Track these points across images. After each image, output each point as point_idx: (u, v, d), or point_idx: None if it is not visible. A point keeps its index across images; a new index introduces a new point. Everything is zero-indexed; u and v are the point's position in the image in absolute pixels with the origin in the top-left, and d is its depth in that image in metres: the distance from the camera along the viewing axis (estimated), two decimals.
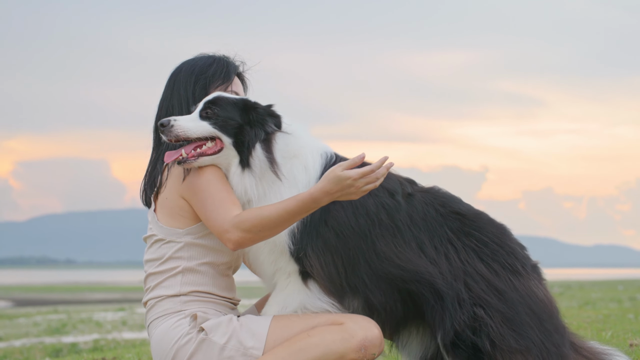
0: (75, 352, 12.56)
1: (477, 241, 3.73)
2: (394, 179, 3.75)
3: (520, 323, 3.60)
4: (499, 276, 3.67)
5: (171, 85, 3.87)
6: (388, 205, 3.66)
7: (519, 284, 3.68)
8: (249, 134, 3.61)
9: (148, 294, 3.79)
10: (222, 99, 3.67)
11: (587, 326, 7.69)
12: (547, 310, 3.71)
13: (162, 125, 3.58)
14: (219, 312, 3.74)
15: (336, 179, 3.39)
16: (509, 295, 3.64)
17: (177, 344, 3.63)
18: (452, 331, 3.60)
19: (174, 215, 3.73)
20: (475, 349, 3.59)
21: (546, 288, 3.80)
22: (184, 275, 3.71)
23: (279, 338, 3.60)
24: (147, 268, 3.80)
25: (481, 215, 3.82)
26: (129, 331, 18.85)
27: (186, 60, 3.93)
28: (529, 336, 3.60)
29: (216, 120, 3.61)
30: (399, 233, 3.65)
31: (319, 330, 3.59)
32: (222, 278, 3.79)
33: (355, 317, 3.64)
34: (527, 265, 3.77)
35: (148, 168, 3.89)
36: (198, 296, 3.72)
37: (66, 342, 16.05)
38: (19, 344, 16.02)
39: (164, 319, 3.71)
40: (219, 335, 3.61)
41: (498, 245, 3.74)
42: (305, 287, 3.68)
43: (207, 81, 3.83)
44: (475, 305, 3.62)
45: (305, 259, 3.63)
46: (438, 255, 3.66)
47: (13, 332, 19.62)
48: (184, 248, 3.72)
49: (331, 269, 3.63)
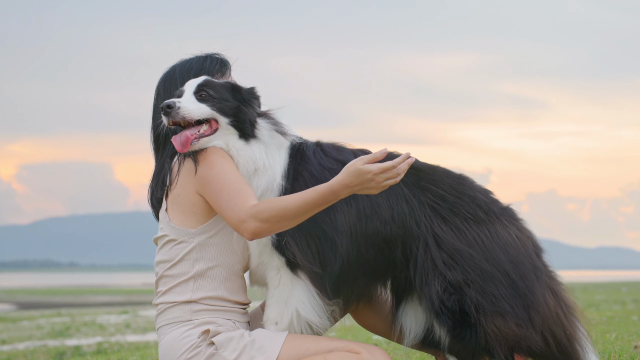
0: (79, 355, 12.57)
1: (433, 196, 3.72)
2: (347, 151, 3.81)
3: (492, 281, 3.60)
4: (460, 231, 3.67)
5: (167, 87, 3.90)
6: None
7: (483, 233, 3.68)
8: (248, 113, 3.69)
9: (159, 298, 3.77)
10: (213, 82, 3.73)
11: (591, 328, 7.64)
12: (517, 254, 3.68)
13: (169, 107, 3.58)
14: (229, 320, 3.72)
15: (357, 172, 3.39)
16: (476, 251, 3.64)
17: (184, 355, 3.62)
18: (433, 300, 3.63)
19: (186, 213, 3.71)
20: (461, 314, 3.61)
21: (518, 227, 3.78)
22: (196, 281, 3.69)
23: (291, 357, 3.58)
24: (159, 270, 3.79)
25: (437, 168, 3.82)
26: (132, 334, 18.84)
27: (174, 64, 3.98)
28: (502, 295, 3.59)
29: (213, 102, 3.66)
30: (354, 202, 3.68)
31: (335, 355, 3.57)
32: (234, 279, 3.77)
33: (372, 348, 3.63)
34: (491, 210, 3.75)
35: (155, 170, 3.89)
36: (209, 304, 3.69)
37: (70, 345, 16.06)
38: (22, 347, 16.03)
39: (174, 327, 3.69)
40: (229, 351, 3.59)
41: (456, 196, 3.74)
42: (297, 277, 3.68)
43: (208, 73, 3.88)
44: (445, 269, 3.62)
45: (287, 249, 3.65)
46: (393, 215, 3.68)
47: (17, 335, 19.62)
48: (196, 249, 3.70)
49: (307, 251, 3.65)
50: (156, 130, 3.89)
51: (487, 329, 3.59)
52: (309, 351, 3.59)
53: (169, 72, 3.95)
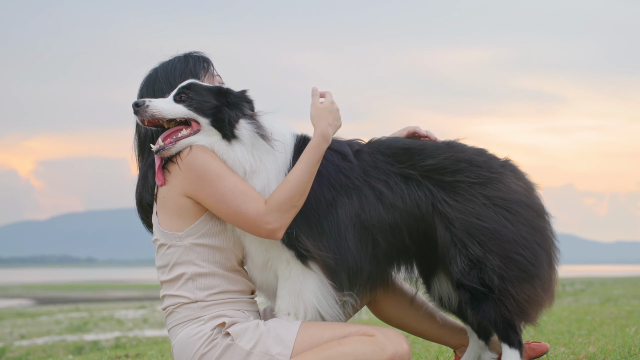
0: (97, 350, 12.61)
1: (429, 172, 3.70)
2: (342, 142, 3.80)
3: (512, 246, 3.59)
4: (467, 201, 3.65)
5: (150, 91, 3.84)
6: (344, 168, 3.69)
7: (492, 195, 3.66)
8: (228, 114, 3.62)
9: (165, 301, 3.76)
10: (196, 85, 3.68)
11: (610, 322, 7.64)
12: (528, 210, 3.67)
13: (137, 105, 3.57)
14: (237, 310, 3.71)
15: (325, 110, 3.67)
16: (488, 218, 3.62)
17: (200, 350, 3.61)
18: (455, 276, 3.64)
19: (172, 216, 3.68)
20: (483, 287, 3.60)
21: (524, 180, 3.77)
22: (195, 281, 3.67)
23: (307, 345, 3.57)
24: (159, 275, 3.78)
25: (425, 144, 3.80)
26: (150, 329, 18.90)
27: (156, 67, 3.91)
28: (525, 259, 3.60)
29: (190, 103, 3.61)
30: (355, 194, 3.67)
31: (350, 340, 3.56)
32: (232, 274, 3.74)
33: (387, 330, 3.63)
34: (492, 166, 3.73)
35: (140, 174, 3.84)
36: (214, 299, 3.68)
37: (88, 339, 16.12)
38: (41, 342, 16.10)
39: (184, 326, 3.68)
40: (245, 340, 3.58)
41: (453, 165, 3.71)
42: (308, 268, 3.66)
43: (192, 73, 3.84)
44: (461, 245, 3.61)
45: (298, 242, 3.62)
46: (394, 200, 3.67)
47: (35, 330, 19.71)
48: (186, 252, 3.67)
49: (319, 244, 3.63)
50: (139, 133, 3.85)
51: (517, 297, 3.59)
52: (324, 338, 3.59)
53: (151, 76, 3.88)
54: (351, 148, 3.77)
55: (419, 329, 4.14)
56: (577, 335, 6.20)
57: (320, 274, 3.66)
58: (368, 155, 3.74)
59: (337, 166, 3.69)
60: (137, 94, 3.89)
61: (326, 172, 3.67)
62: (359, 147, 3.79)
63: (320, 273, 3.66)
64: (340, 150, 3.75)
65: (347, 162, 3.71)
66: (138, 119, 3.63)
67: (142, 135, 3.83)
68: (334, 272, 3.68)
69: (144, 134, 3.81)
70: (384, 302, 4.08)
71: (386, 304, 4.09)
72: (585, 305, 13.81)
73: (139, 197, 3.84)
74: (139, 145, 3.87)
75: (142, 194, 3.81)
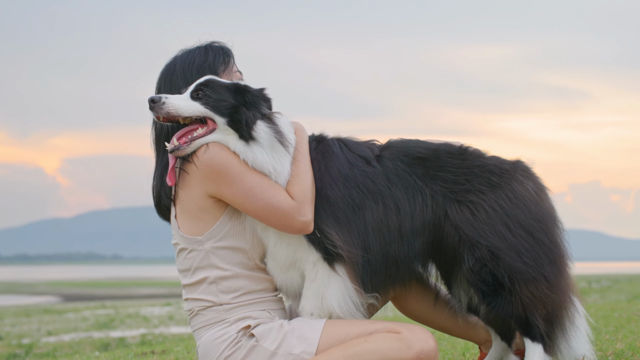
0: (123, 347, 12.66)
1: (444, 182, 3.73)
2: (363, 146, 3.79)
3: (517, 247, 3.63)
4: (477, 206, 3.67)
5: (167, 85, 3.78)
6: (370, 173, 3.70)
7: (501, 198, 3.68)
8: (246, 114, 3.57)
9: (188, 304, 3.74)
10: (214, 82, 3.62)
11: (638, 319, 7.60)
12: (537, 208, 3.71)
13: (153, 101, 3.52)
14: (263, 310, 3.70)
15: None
16: (496, 221, 3.65)
17: (224, 352, 3.60)
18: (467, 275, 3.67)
19: (192, 219, 3.64)
20: (495, 284, 3.63)
21: (534, 180, 3.78)
22: (218, 284, 3.65)
23: (332, 342, 3.55)
24: (181, 278, 3.76)
25: (438, 151, 3.80)
26: (176, 326, 18.99)
27: (175, 56, 3.85)
28: (531, 259, 3.63)
29: (207, 101, 3.55)
30: (380, 199, 3.68)
31: (376, 337, 3.54)
32: (255, 272, 3.71)
33: (413, 327, 3.61)
34: (503, 170, 3.75)
35: (156, 175, 3.79)
36: (239, 301, 3.66)
37: (114, 336, 16.22)
38: (68, 339, 16.23)
39: (209, 328, 3.66)
40: (270, 341, 3.57)
41: (465, 174, 3.73)
42: (334, 272, 3.63)
43: (211, 68, 3.78)
44: (471, 247, 3.63)
45: (326, 239, 3.60)
46: (411, 209, 3.69)
47: (62, 327, 19.87)
48: (207, 256, 3.64)
49: (348, 240, 3.62)
50: (157, 129, 3.81)
51: (522, 296, 3.62)
52: (349, 335, 3.57)
53: (169, 68, 3.82)
54: (372, 152, 3.76)
55: (444, 325, 4.12)
56: (604, 332, 6.18)
57: (346, 277, 3.64)
58: (390, 162, 3.74)
59: (364, 171, 3.69)
60: (155, 86, 3.84)
61: (353, 175, 3.66)
62: (378, 151, 3.78)
63: (346, 277, 3.64)
64: (363, 155, 3.74)
65: (372, 167, 3.71)
66: (153, 115, 3.57)
67: (158, 130, 3.78)
68: (359, 276, 3.67)
69: (159, 129, 3.77)
70: (409, 298, 4.07)
71: (411, 300, 4.07)
72: (612, 302, 13.73)
73: (157, 198, 3.80)
74: (155, 140, 3.82)
75: (161, 196, 3.76)
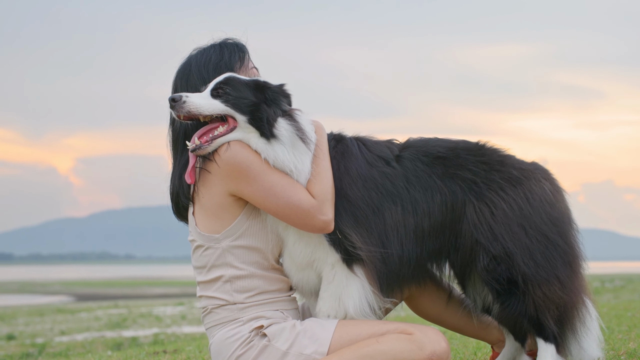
0: (136, 346, 12.70)
1: (462, 181, 3.73)
2: (382, 146, 3.79)
3: (532, 248, 3.64)
4: (495, 205, 3.67)
5: (184, 85, 3.77)
6: (389, 174, 3.70)
7: (519, 197, 3.68)
8: (266, 111, 3.56)
9: (202, 301, 3.74)
10: (234, 79, 3.61)
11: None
12: (553, 210, 3.71)
13: (174, 100, 3.51)
14: (276, 310, 3.69)
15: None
16: (513, 221, 3.65)
17: (236, 352, 3.60)
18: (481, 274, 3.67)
19: (210, 217, 3.64)
20: (508, 284, 3.64)
21: (551, 181, 3.78)
22: (233, 283, 3.65)
23: (344, 342, 3.55)
24: (196, 275, 3.77)
25: (457, 149, 3.80)
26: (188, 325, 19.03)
27: (190, 55, 3.84)
28: (545, 260, 3.64)
29: (228, 99, 3.54)
30: (399, 200, 3.68)
31: (388, 338, 3.54)
32: (270, 273, 3.71)
33: (425, 328, 3.60)
34: (523, 167, 3.77)
35: (175, 174, 3.77)
36: (253, 300, 3.66)
37: (127, 336, 16.27)
38: (81, 338, 16.28)
39: (222, 327, 3.67)
40: (282, 341, 3.57)
41: (485, 170, 3.74)
42: (353, 273, 3.62)
43: (227, 66, 3.77)
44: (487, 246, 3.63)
45: (346, 239, 3.59)
46: (429, 209, 3.69)
47: (75, 326, 19.94)
48: (223, 254, 3.64)
49: (367, 240, 3.61)
50: (175, 130, 3.79)
51: (535, 296, 3.63)
52: (361, 336, 3.57)
53: (185, 67, 3.80)
54: (391, 152, 3.75)
55: (457, 325, 4.12)
56: (617, 332, 6.15)
57: (364, 279, 3.63)
58: (409, 162, 3.73)
59: (383, 172, 3.68)
60: (172, 86, 3.83)
61: (372, 176, 3.66)
62: (398, 151, 3.77)
63: (364, 279, 3.63)
64: (382, 155, 3.73)
65: (391, 168, 3.70)
66: (174, 114, 3.56)
67: (176, 129, 3.77)
68: (377, 277, 3.66)
69: (178, 128, 3.75)
70: (422, 298, 4.06)
71: (424, 300, 4.06)
72: (626, 302, 13.67)
73: (175, 197, 3.79)
74: (173, 139, 3.81)
75: (179, 196, 3.75)
